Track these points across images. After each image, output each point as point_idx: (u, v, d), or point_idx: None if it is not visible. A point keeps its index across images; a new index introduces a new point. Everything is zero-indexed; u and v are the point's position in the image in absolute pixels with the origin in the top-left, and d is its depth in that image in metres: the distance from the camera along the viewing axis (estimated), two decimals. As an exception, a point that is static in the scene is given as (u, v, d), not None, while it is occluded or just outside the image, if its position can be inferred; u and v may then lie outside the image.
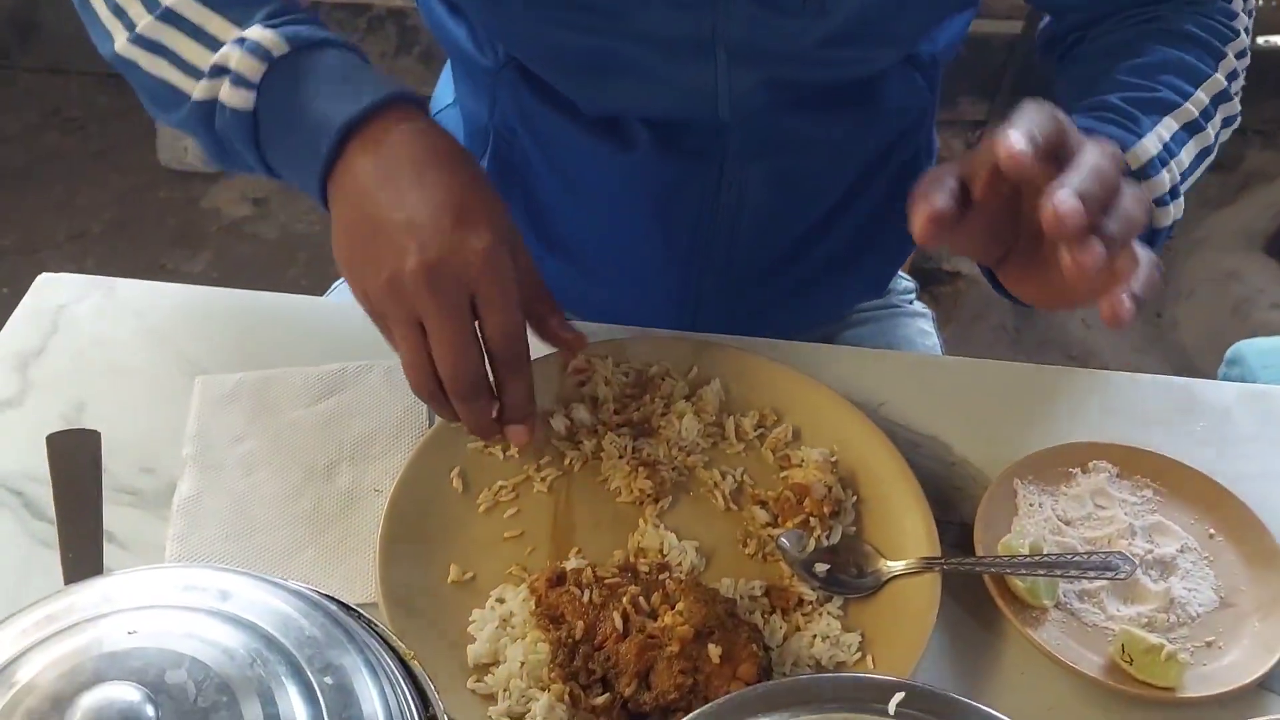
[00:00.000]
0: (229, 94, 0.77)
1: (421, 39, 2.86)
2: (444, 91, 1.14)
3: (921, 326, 1.18)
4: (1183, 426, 0.88)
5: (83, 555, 0.65)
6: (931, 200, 0.64)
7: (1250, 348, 1.38)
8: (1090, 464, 0.82)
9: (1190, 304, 2.44)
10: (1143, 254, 0.62)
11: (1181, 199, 0.83)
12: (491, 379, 0.74)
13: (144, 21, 0.80)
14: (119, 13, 0.82)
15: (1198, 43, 0.90)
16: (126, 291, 0.94)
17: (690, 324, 0.94)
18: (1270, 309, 2.29)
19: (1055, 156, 0.61)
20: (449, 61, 1.13)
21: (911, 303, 1.22)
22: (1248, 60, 0.93)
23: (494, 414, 0.75)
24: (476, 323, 0.71)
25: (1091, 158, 0.61)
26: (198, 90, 0.78)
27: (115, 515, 0.78)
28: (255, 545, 0.77)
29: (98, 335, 0.90)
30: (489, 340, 0.71)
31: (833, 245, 1.06)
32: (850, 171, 1.01)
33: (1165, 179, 0.80)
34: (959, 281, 2.50)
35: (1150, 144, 0.80)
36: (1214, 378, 1.47)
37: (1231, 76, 0.91)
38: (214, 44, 0.78)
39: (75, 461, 0.68)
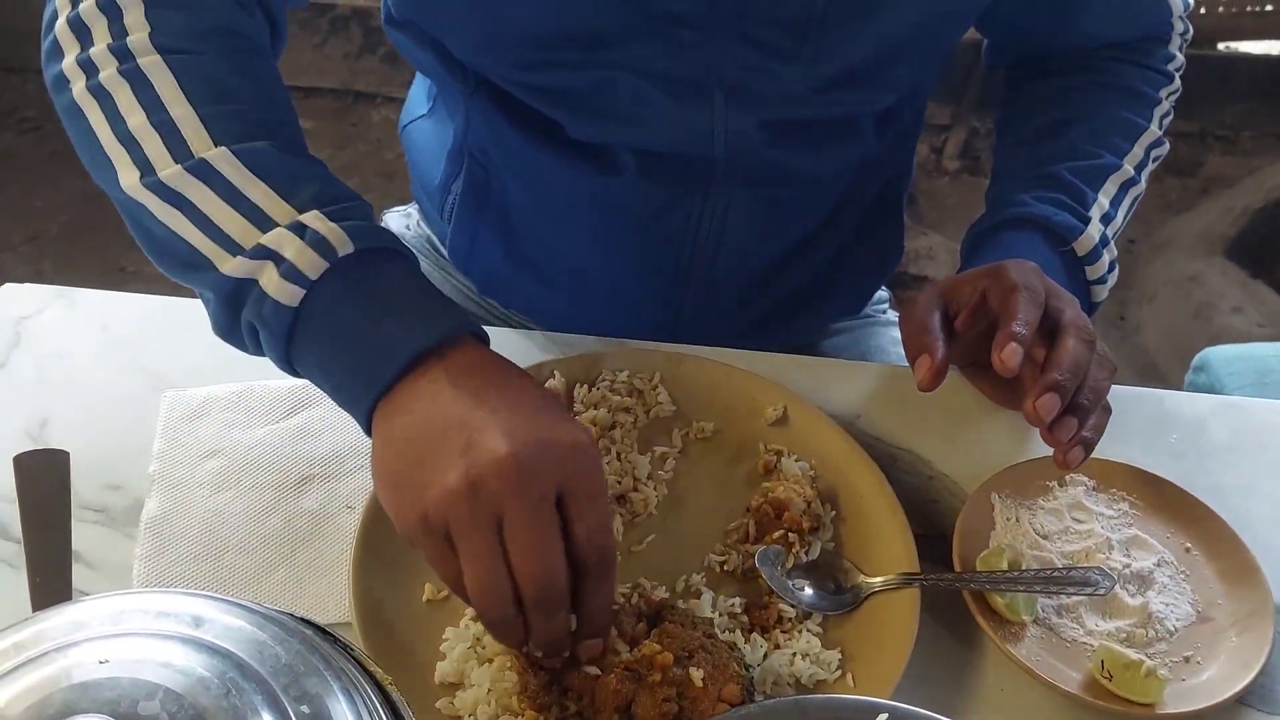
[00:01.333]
0: (276, 285, 0.67)
1: (387, 40, 2.84)
2: (417, 102, 1.12)
3: (895, 335, 1.17)
4: (1158, 439, 0.89)
5: (51, 580, 0.63)
6: (934, 353, 0.79)
7: (1216, 355, 1.40)
8: (1067, 477, 0.82)
9: (1153, 307, 2.46)
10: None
11: (1116, 271, 0.94)
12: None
13: (169, 170, 0.70)
14: (130, 144, 0.72)
15: (1138, 98, 1.01)
16: (88, 302, 0.92)
17: (668, 342, 0.93)
18: (1232, 313, 2.32)
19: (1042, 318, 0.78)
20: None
21: (885, 312, 1.22)
22: (1179, 92, 1.03)
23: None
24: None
25: (1068, 350, 0.76)
26: (230, 266, 0.68)
27: (81, 533, 0.76)
28: (225, 566, 0.76)
29: (60, 348, 0.89)
30: (578, 543, 0.61)
31: (814, 267, 1.06)
32: (833, 197, 1.02)
33: (1105, 259, 0.92)
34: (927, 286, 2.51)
35: (1094, 231, 0.91)
36: (1178, 381, 1.49)
37: (1164, 118, 1.03)
38: (257, 216, 0.69)
39: (43, 483, 0.66)
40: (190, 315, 0.92)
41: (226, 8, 0.76)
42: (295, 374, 0.71)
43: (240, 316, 0.69)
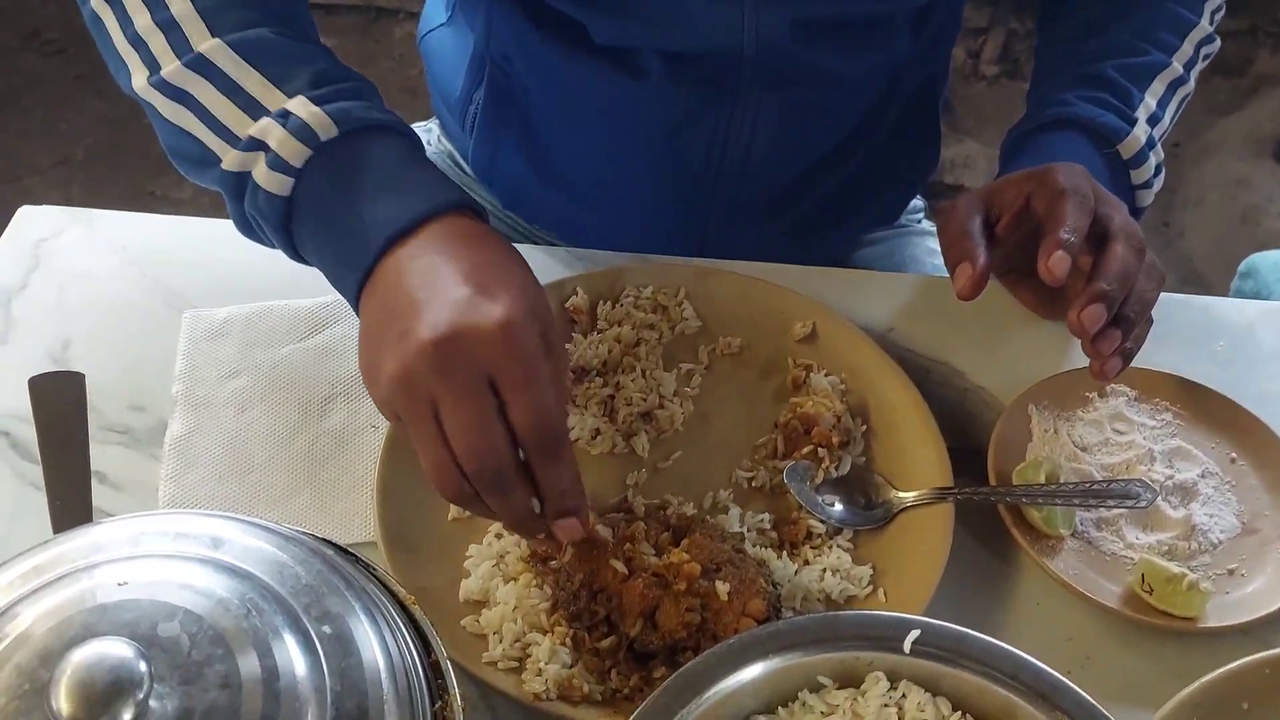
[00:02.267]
0: (265, 176, 0.68)
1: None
2: (435, 9, 1.09)
3: (931, 246, 1.14)
4: (1203, 347, 0.86)
5: (71, 503, 0.62)
6: (975, 260, 0.75)
7: (1264, 260, 1.35)
8: (1108, 388, 0.80)
9: (1198, 212, 2.40)
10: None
11: (1162, 174, 0.91)
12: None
13: (170, 67, 0.72)
14: (138, 45, 0.73)
15: None
16: (107, 223, 0.91)
17: (695, 256, 0.91)
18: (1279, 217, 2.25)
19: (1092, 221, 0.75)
20: None
21: (920, 221, 1.19)
22: None
23: (536, 507, 0.63)
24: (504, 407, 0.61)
25: (1117, 258, 0.73)
26: (228, 159, 0.69)
27: (106, 455, 0.76)
28: (251, 485, 0.75)
29: (80, 270, 0.87)
30: (515, 424, 0.60)
31: (845, 176, 1.02)
32: (866, 100, 0.98)
33: (1151, 162, 0.88)
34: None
35: (1140, 133, 0.88)
36: (1223, 288, 1.45)
37: (1215, 13, 0.97)
38: (251, 106, 0.70)
39: (59, 405, 0.66)
40: (209, 235, 0.91)
41: None
42: (306, 263, 0.72)
43: (249, 208, 0.71)
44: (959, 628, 0.57)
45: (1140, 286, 0.74)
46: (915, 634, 0.57)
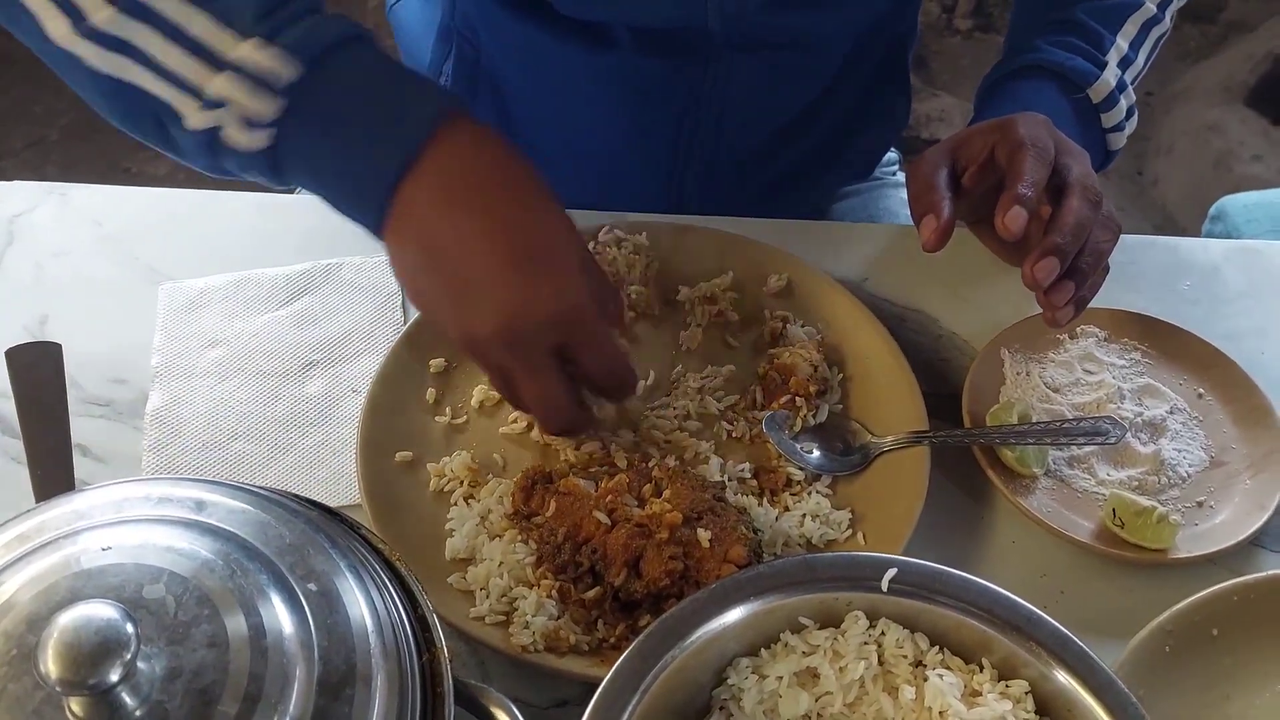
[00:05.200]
0: (238, 135, 0.63)
1: (376, -80, 2.75)
2: None
3: (905, 197, 1.15)
4: (1170, 286, 0.87)
5: (52, 472, 0.63)
6: (939, 212, 0.77)
7: (1234, 203, 1.36)
8: (1078, 329, 0.81)
9: (1170, 159, 2.41)
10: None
11: (1134, 117, 0.92)
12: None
13: (102, 13, 0.63)
14: None
15: None
16: (81, 197, 0.91)
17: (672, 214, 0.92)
18: (1252, 161, 2.26)
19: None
20: None
21: (895, 174, 1.19)
22: None
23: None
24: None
25: (1072, 211, 0.74)
26: (193, 117, 0.63)
27: (88, 428, 0.76)
28: (234, 453, 0.76)
29: (56, 245, 0.87)
30: (592, 379, 0.69)
31: (819, 134, 1.03)
32: (837, 59, 0.98)
33: (1122, 105, 0.89)
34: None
35: (1110, 77, 0.88)
36: (1197, 234, 1.46)
37: None
38: (204, 55, 0.63)
39: (37, 376, 0.66)
40: (183, 206, 0.91)
41: None
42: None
43: (222, 164, 0.66)
44: (935, 565, 0.59)
45: (1095, 238, 0.75)
46: (892, 572, 0.58)
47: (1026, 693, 0.56)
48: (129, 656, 0.45)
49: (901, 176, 1.20)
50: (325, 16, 0.66)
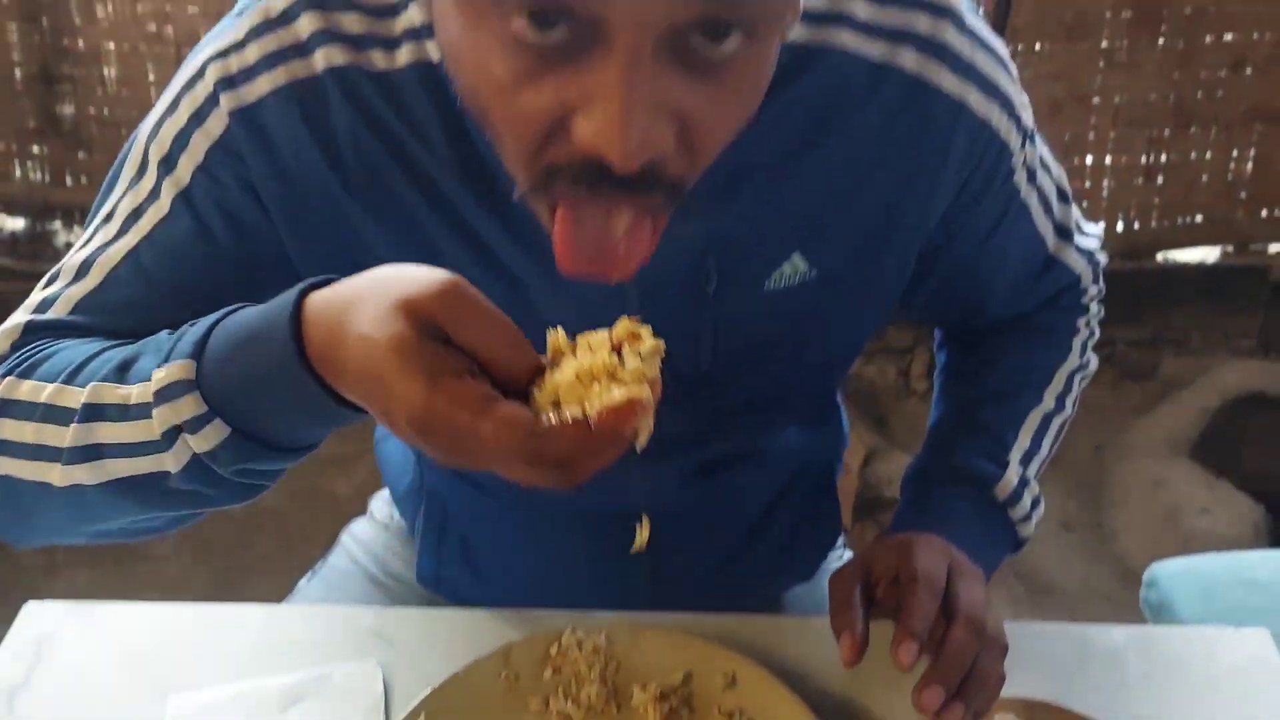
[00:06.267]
0: (198, 440, 0.70)
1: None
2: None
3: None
4: (1080, 673, 0.96)
5: None
6: (854, 630, 0.85)
7: (1164, 571, 1.47)
8: (996, 717, 0.89)
9: (1126, 512, 2.54)
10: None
11: (1040, 507, 1.02)
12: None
13: (69, 434, 0.73)
14: (39, 452, 0.75)
15: (1055, 332, 1.08)
16: (105, 615, 1.01)
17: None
18: (1200, 514, 2.39)
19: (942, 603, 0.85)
20: None
21: (840, 557, 1.30)
22: (1100, 313, 1.10)
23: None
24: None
25: (956, 641, 0.82)
26: (170, 461, 0.71)
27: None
28: None
29: (78, 663, 0.97)
30: (489, 361, 0.64)
31: (754, 559, 1.13)
32: (764, 501, 1.11)
33: (1026, 500, 1.00)
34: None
35: (1012, 475, 0.99)
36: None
37: (1086, 342, 1.09)
38: (145, 413, 0.71)
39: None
40: (189, 620, 1.01)
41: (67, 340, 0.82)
42: (314, 441, 0.75)
43: (222, 476, 0.72)
44: None
45: (980, 662, 0.83)
46: None
47: None
48: None
49: (849, 554, 1.31)
50: (200, 322, 0.73)
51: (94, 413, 0.73)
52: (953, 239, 0.94)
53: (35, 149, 2.96)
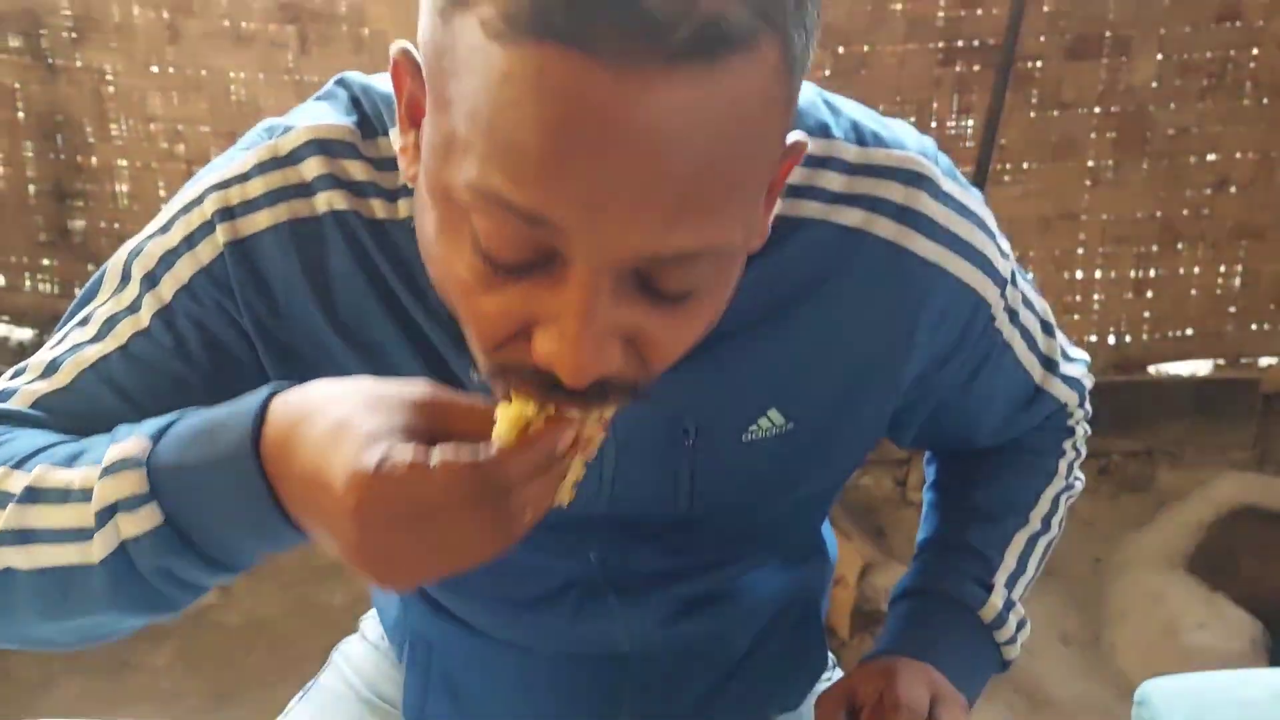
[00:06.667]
0: (131, 522, 0.68)
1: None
2: None
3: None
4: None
5: None
6: None
7: (1156, 689, 1.46)
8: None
9: (1124, 627, 2.53)
10: None
11: (1026, 628, 1.03)
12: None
13: (3, 517, 0.72)
14: None
15: (1042, 454, 1.10)
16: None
17: None
18: (1197, 629, 2.38)
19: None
20: None
21: (830, 679, 1.30)
22: (1088, 434, 1.12)
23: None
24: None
25: None
26: (96, 549, 0.68)
27: None
28: None
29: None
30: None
31: (746, 689, 1.13)
32: (747, 642, 1.11)
33: (1011, 623, 1.01)
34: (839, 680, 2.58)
35: (997, 599, 1.00)
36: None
37: (1072, 463, 1.10)
38: (86, 495, 0.70)
39: None
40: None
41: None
42: (243, 563, 0.72)
43: (142, 575, 0.69)
44: None
45: None
46: None
47: None
48: None
49: (837, 673, 1.31)
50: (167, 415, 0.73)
51: (34, 495, 0.72)
52: (936, 387, 0.96)
53: (45, 261, 3.01)
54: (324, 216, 0.83)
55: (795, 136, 0.73)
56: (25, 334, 3.15)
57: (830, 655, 1.24)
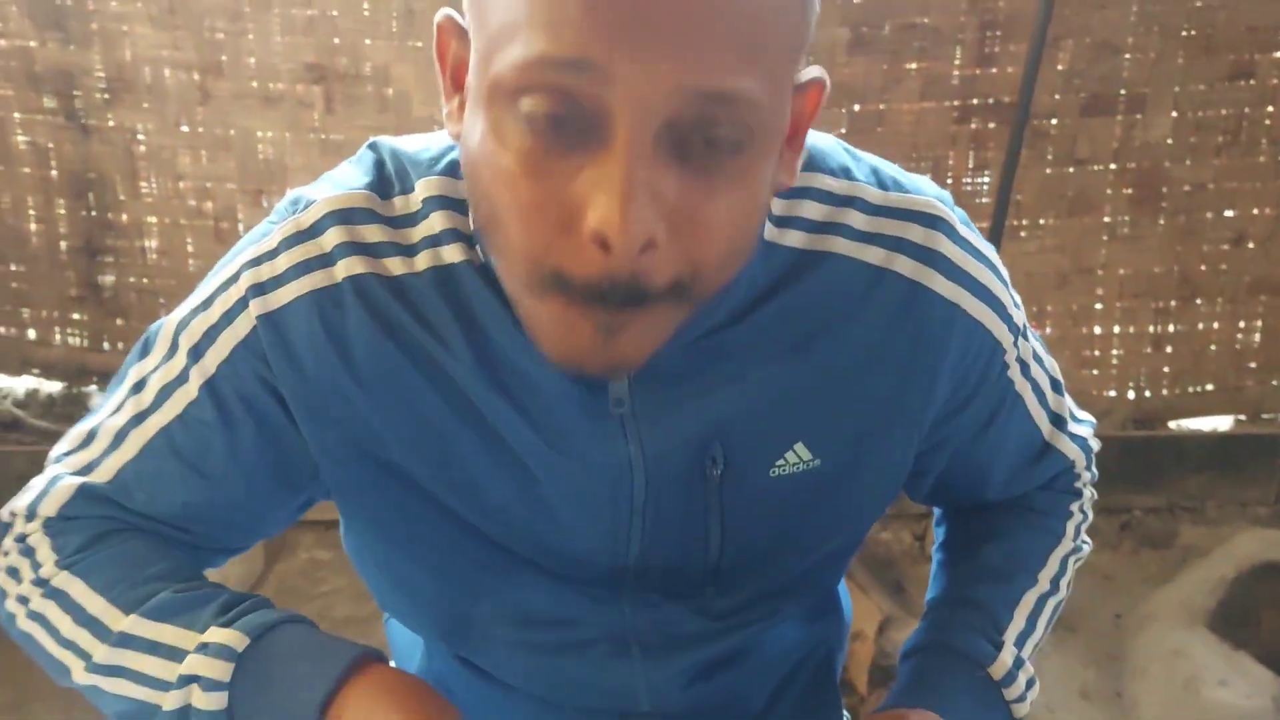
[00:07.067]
0: (202, 699, 0.83)
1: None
2: None
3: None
4: None
5: None
6: None
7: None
8: None
9: (1146, 682, 2.50)
10: None
11: (1036, 687, 1.02)
12: None
13: (99, 651, 0.87)
14: (69, 645, 0.89)
15: (1049, 515, 1.10)
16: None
17: None
18: (1218, 686, 2.36)
19: None
20: None
21: (844, 720, 1.30)
22: (1094, 498, 1.13)
23: None
24: None
25: None
26: (168, 701, 0.84)
27: None
28: None
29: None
30: None
31: None
32: (764, 698, 1.11)
33: (1021, 681, 1.00)
34: None
35: (1007, 657, 1.00)
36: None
37: (1079, 525, 1.11)
38: (174, 654, 0.85)
39: None
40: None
41: (118, 524, 0.94)
42: None
43: None
44: None
45: None
46: None
47: None
48: None
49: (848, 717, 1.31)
50: (270, 609, 0.88)
51: (128, 641, 0.87)
52: (953, 431, 0.98)
53: (75, 315, 3.07)
54: (343, 284, 0.87)
55: (814, 73, 0.78)
56: (55, 387, 3.20)
57: (846, 714, 1.24)
